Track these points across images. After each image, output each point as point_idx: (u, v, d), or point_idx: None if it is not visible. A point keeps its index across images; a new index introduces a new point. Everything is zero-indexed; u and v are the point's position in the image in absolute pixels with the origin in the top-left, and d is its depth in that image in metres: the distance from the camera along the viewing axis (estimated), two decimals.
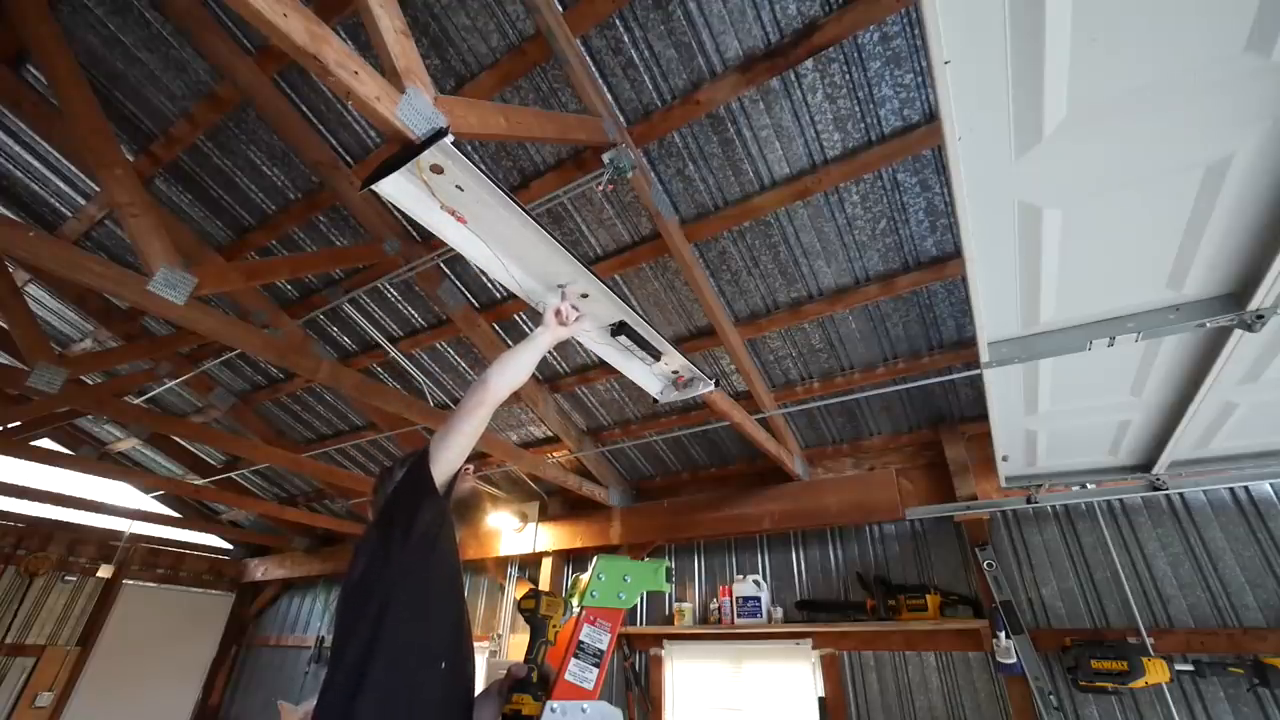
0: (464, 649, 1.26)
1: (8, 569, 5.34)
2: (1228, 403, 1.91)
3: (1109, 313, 1.50)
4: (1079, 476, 2.64)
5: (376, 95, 1.28)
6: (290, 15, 1.17)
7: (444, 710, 1.16)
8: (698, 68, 2.26)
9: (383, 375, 4.23)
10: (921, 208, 2.54)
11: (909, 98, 2.20)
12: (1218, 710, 2.51)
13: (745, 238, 2.82)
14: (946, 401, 3.43)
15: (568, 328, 1.67)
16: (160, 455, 5.87)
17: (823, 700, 3.37)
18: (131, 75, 2.68)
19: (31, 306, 3.58)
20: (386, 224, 3.05)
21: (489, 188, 1.36)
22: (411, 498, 1.22)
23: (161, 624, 6.33)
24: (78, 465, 4.85)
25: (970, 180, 1.15)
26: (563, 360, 3.83)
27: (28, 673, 5.22)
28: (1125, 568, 2.87)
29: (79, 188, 3.28)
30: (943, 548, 3.40)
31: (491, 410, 1.36)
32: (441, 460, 1.26)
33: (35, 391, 3.20)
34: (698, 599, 4.14)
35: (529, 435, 4.51)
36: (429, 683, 1.13)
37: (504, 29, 2.27)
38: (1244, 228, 1.20)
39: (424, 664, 1.13)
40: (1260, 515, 2.70)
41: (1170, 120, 1.03)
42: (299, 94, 2.65)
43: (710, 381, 2.22)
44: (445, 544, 1.28)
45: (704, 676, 3.90)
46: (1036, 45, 0.94)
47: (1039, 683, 2.80)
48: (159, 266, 2.21)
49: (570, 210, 2.89)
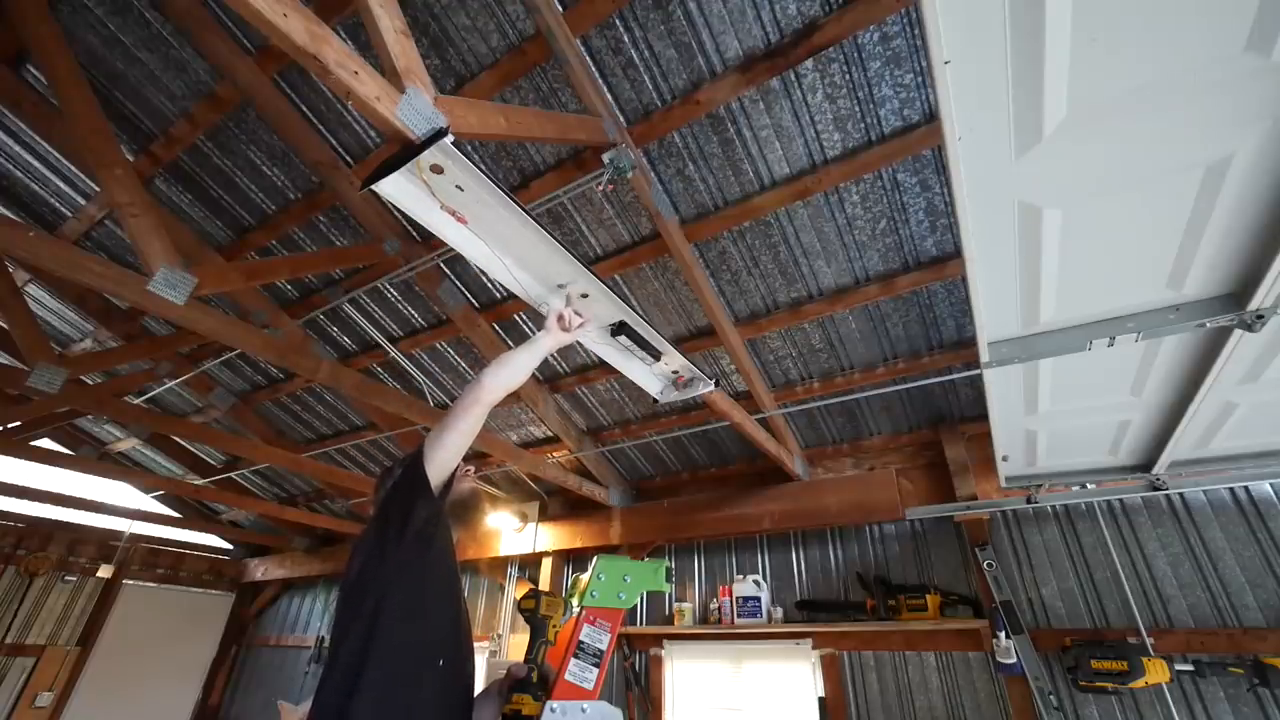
0: (463, 648, 1.26)
1: (8, 569, 5.34)
2: (1228, 403, 1.91)
3: (1109, 313, 1.50)
4: (1079, 476, 2.64)
5: (376, 95, 1.28)
6: (290, 15, 1.17)
7: (442, 709, 1.16)
8: (698, 68, 2.26)
9: (383, 375, 4.23)
10: (921, 208, 2.54)
11: (909, 98, 2.20)
12: (1218, 710, 2.51)
13: (745, 238, 2.82)
14: (946, 401, 3.43)
15: (570, 333, 1.66)
16: (160, 455, 5.87)
17: (823, 700, 3.37)
18: (131, 75, 2.68)
19: (31, 306, 3.58)
20: (386, 224, 3.05)
21: (489, 188, 1.36)
22: (407, 496, 1.22)
23: (161, 624, 6.33)
24: (78, 465, 4.85)
25: (970, 180, 1.15)
26: (563, 360, 3.83)
27: (28, 673, 5.22)
28: (1125, 568, 2.87)
29: (79, 188, 3.28)
30: (943, 548, 3.40)
31: (486, 410, 1.35)
32: (436, 460, 1.25)
33: (35, 391, 3.20)
34: (698, 599, 4.14)
35: (529, 435, 4.51)
36: (426, 681, 1.13)
37: (504, 29, 2.27)
38: (1244, 228, 1.20)
39: (421, 662, 1.13)
40: (1260, 515, 2.70)
41: (1170, 120, 1.03)
42: (299, 94, 2.65)
43: (710, 381, 2.22)
44: (442, 543, 1.28)
45: (704, 676, 3.90)
46: (1036, 45, 0.94)
47: (1039, 683, 2.80)
48: (159, 266, 2.21)
49: (570, 210, 2.89)
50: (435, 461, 1.25)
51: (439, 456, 1.26)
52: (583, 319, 1.72)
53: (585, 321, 1.75)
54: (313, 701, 1.05)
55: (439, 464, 1.25)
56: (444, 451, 1.26)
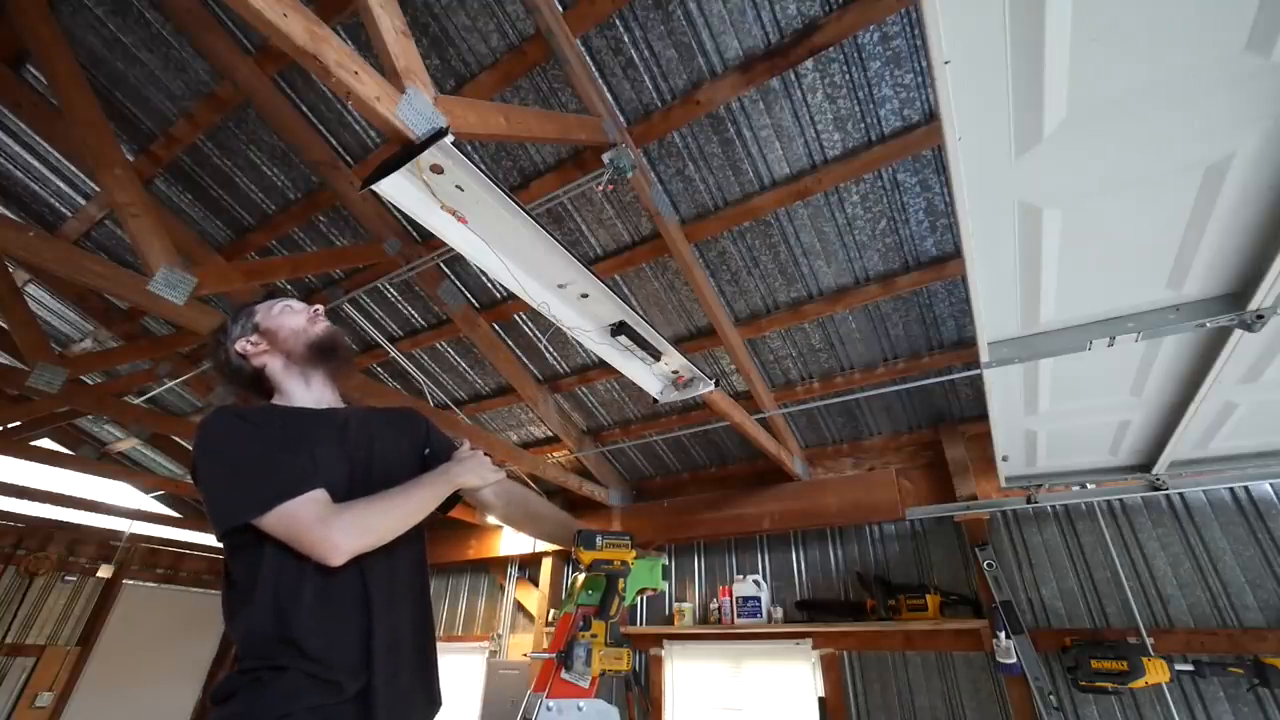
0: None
1: (8, 569, 5.33)
2: (1228, 403, 1.91)
3: (1109, 313, 1.50)
4: (1079, 476, 2.64)
5: (376, 95, 1.28)
6: (290, 15, 1.17)
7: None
8: (698, 68, 2.25)
9: (383, 375, 4.22)
10: (921, 208, 2.54)
11: (909, 98, 2.20)
12: (1218, 710, 2.51)
13: (745, 238, 2.82)
14: (946, 401, 3.43)
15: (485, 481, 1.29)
16: (160, 455, 5.87)
17: (823, 700, 3.37)
18: (132, 75, 2.68)
19: (31, 306, 3.58)
20: (386, 224, 3.05)
21: (489, 188, 1.37)
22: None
23: (161, 624, 6.32)
24: (78, 465, 4.85)
25: (970, 180, 1.15)
26: (563, 360, 3.83)
27: (28, 673, 5.22)
28: (1125, 568, 2.87)
29: (79, 188, 3.28)
30: (943, 548, 3.40)
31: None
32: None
33: (35, 391, 3.20)
34: (698, 599, 4.14)
35: (529, 435, 4.51)
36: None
37: (504, 29, 2.27)
38: (1244, 228, 1.21)
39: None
40: (1260, 515, 2.70)
41: (1170, 120, 1.03)
42: (299, 94, 2.65)
43: (710, 381, 2.22)
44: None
45: (704, 676, 3.90)
46: (1036, 45, 0.94)
47: (1039, 683, 2.80)
48: (159, 266, 2.21)
49: (570, 210, 2.89)
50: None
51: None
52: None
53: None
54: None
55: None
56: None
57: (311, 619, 0.95)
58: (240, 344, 1.24)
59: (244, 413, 1.11)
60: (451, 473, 1.21)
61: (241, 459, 1.03)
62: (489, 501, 1.35)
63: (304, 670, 0.92)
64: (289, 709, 0.89)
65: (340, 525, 0.97)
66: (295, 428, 1.14)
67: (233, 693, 0.92)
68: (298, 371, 1.25)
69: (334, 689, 0.93)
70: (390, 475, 1.14)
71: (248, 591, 0.96)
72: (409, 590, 1.13)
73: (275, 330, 1.25)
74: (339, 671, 0.94)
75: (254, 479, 1.00)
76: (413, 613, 1.13)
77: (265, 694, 0.90)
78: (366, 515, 1.01)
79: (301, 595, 0.96)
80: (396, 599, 1.08)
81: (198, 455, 1.05)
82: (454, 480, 1.20)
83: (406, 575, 1.13)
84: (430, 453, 1.32)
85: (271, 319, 1.27)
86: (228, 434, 1.06)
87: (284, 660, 0.92)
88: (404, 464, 1.25)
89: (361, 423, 1.23)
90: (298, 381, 1.25)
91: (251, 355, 1.24)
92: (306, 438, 1.11)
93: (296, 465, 1.03)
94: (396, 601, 1.08)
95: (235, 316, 1.29)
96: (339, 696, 0.93)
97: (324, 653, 0.94)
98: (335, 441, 1.14)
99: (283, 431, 1.11)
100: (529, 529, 1.54)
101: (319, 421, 1.18)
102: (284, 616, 0.94)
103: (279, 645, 0.93)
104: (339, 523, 0.97)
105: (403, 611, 1.09)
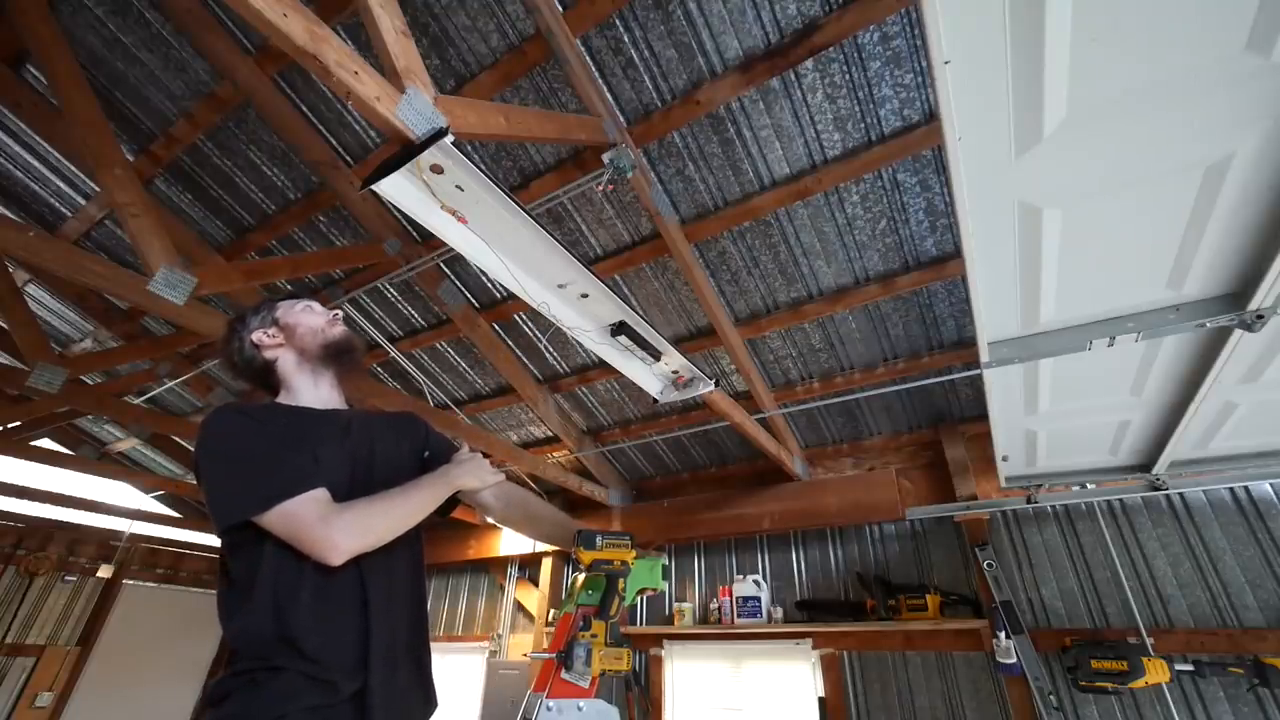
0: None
1: (8, 569, 5.33)
2: (1228, 403, 1.91)
3: (1109, 313, 1.50)
4: (1079, 476, 2.64)
5: (376, 95, 1.28)
6: (290, 15, 1.17)
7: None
8: (698, 68, 2.25)
9: (383, 375, 4.22)
10: (921, 208, 2.54)
11: (909, 98, 2.20)
12: (1218, 710, 2.51)
13: (745, 238, 2.82)
14: (946, 401, 3.43)
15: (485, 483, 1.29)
16: (160, 455, 5.87)
17: (823, 700, 3.37)
18: (132, 75, 2.68)
19: (31, 306, 3.58)
20: (386, 224, 3.05)
21: (489, 188, 1.37)
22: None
23: (161, 624, 6.32)
24: (78, 465, 4.84)
25: (970, 180, 1.15)
26: (563, 360, 3.83)
27: (28, 673, 5.22)
28: (1125, 568, 2.87)
29: (79, 188, 3.28)
30: (943, 548, 3.40)
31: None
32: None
33: (35, 391, 3.20)
34: (698, 599, 4.14)
35: (529, 435, 4.51)
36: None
37: (504, 29, 2.27)
38: (1244, 228, 1.21)
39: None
40: (1260, 515, 2.70)
41: (1170, 120, 1.03)
42: (299, 94, 2.65)
43: (710, 381, 2.22)
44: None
45: (704, 676, 3.90)
46: (1036, 45, 0.94)
47: (1039, 683, 2.80)
48: (159, 266, 2.21)
49: (570, 210, 2.89)
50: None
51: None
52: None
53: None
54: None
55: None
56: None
57: (309, 618, 0.95)
58: (257, 334, 1.25)
59: (247, 410, 1.11)
60: (451, 474, 1.21)
61: (244, 456, 1.03)
62: (488, 503, 1.35)
63: (300, 670, 0.92)
64: (285, 709, 0.89)
65: (341, 525, 0.97)
66: (298, 427, 1.14)
67: (228, 694, 0.92)
68: (309, 370, 1.26)
69: (330, 689, 0.93)
70: (391, 477, 1.14)
71: (246, 590, 0.96)
72: (406, 591, 1.13)
73: (294, 326, 1.26)
74: (335, 672, 0.94)
75: (256, 476, 1.00)
76: (410, 614, 1.13)
77: (261, 694, 0.90)
78: (367, 515, 1.02)
79: (300, 594, 0.96)
80: (394, 600, 1.08)
81: (200, 452, 1.05)
82: (453, 482, 1.21)
83: (404, 576, 1.13)
84: (430, 455, 1.32)
85: (292, 315, 1.29)
86: (231, 431, 1.06)
87: (280, 660, 0.92)
88: (404, 466, 1.26)
89: (363, 425, 1.23)
90: (307, 379, 1.25)
91: (266, 347, 1.25)
92: (309, 437, 1.11)
93: (299, 464, 1.03)
94: (394, 602, 1.08)
95: (256, 308, 1.30)
96: (335, 697, 0.93)
97: (321, 652, 0.94)
98: (338, 442, 1.14)
99: (285, 430, 1.11)
100: (528, 530, 1.54)
101: (322, 422, 1.18)
102: (282, 615, 0.94)
103: (276, 645, 0.93)
104: (339, 522, 0.97)
105: (400, 613, 1.09)
